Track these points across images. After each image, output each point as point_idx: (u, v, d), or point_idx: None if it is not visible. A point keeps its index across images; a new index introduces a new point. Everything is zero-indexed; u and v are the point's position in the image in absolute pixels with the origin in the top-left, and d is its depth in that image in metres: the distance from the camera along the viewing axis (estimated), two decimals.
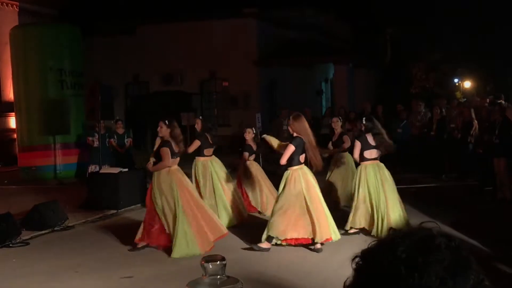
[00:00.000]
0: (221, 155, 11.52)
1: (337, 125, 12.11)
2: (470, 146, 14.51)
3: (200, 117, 12.08)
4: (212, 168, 10.65)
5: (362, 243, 8.52)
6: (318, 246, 8.51)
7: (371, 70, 33.79)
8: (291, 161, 8.58)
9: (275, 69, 27.90)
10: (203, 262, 3.73)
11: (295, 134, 8.69)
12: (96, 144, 14.94)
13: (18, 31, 17.77)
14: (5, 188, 15.16)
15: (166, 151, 8.51)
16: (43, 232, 10.02)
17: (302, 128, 8.69)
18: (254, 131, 11.87)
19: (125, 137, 15.64)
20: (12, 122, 19.74)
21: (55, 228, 10.27)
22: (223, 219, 9.96)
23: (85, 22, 24.37)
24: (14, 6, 21.50)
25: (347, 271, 5.35)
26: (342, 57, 28.03)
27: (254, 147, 11.52)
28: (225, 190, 10.54)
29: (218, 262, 3.73)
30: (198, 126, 11.11)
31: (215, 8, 27.64)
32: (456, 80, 48.31)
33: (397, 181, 14.60)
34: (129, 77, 28.52)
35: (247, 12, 26.80)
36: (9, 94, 20.09)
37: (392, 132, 17.29)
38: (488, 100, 17.62)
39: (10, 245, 9.17)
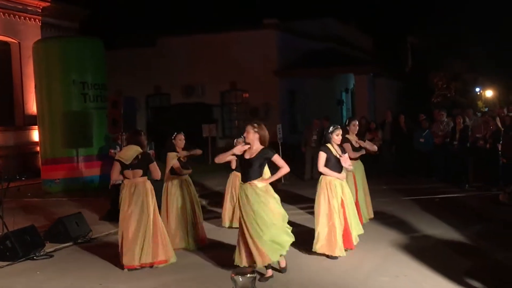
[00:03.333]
0: None
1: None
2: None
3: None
4: None
5: (385, 255, 8.48)
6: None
7: (392, 79, 33.65)
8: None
9: (296, 80, 27.91)
10: (233, 275, 3.72)
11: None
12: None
13: (40, 44, 17.94)
14: (28, 201, 15.25)
15: None
16: (67, 244, 10.05)
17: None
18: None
19: (147, 149, 15.64)
20: (35, 135, 19.91)
21: (79, 241, 10.31)
22: None
23: (106, 35, 24.57)
24: (37, 20, 21.73)
25: (373, 282, 5.35)
26: (363, 66, 27.96)
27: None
28: None
29: (248, 275, 3.71)
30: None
31: (236, 19, 27.76)
32: (477, 89, 47.95)
33: (420, 191, 14.63)
34: (150, 89, 28.70)
35: (267, 23, 26.89)
36: (32, 107, 20.32)
37: (415, 142, 17.27)
38: (506, 109, 17.50)
39: (34, 257, 9.21)
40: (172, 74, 27.48)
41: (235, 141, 10.81)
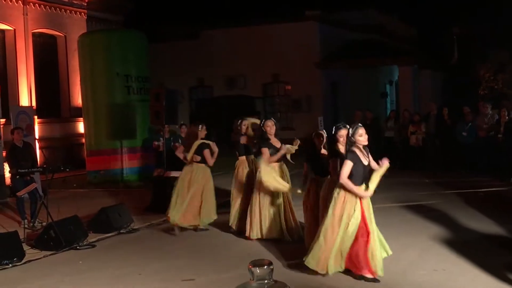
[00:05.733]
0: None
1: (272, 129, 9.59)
2: None
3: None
4: None
5: (425, 248, 8.40)
6: None
7: (437, 71, 33.16)
8: None
9: (338, 72, 27.75)
10: (250, 266, 3.74)
11: None
12: (161, 148, 15.18)
13: (86, 38, 18.24)
14: (73, 192, 15.57)
15: None
16: (109, 234, 10.24)
17: None
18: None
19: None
20: (80, 127, 20.29)
21: (121, 231, 10.49)
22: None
23: (151, 27, 24.84)
24: (83, 13, 22.11)
25: (411, 275, 5.28)
26: (407, 58, 27.61)
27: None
28: None
29: (266, 266, 3.73)
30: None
31: (278, 11, 27.71)
32: None
33: (463, 185, 14.44)
34: (193, 81, 28.90)
35: (309, 15, 26.79)
36: (78, 100, 20.68)
37: (457, 135, 17.02)
38: None
39: (77, 247, 9.42)
40: (215, 67, 27.60)
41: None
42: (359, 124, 7.51)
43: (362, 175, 7.31)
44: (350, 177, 7.23)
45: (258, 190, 9.53)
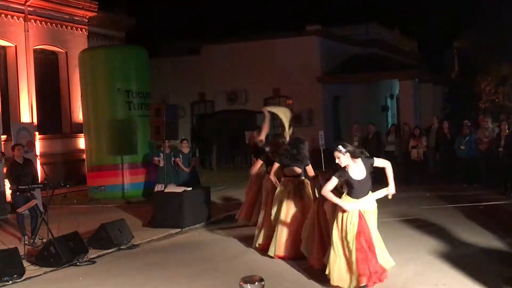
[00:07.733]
0: None
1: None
2: None
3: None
4: None
5: (425, 262, 8.38)
6: None
7: (438, 84, 33.18)
8: None
9: (339, 86, 27.79)
10: (241, 282, 3.74)
11: None
12: (161, 163, 15.20)
13: (87, 54, 18.31)
14: (74, 208, 15.55)
15: None
16: (109, 250, 10.22)
17: None
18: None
19: (190, 156, 15.85)
20: (81, 142, 20.30)
21: (121, 247, 10.47)
22: None
23: (152, 43, 24.95)
24: (84, 30, 22.20)
25: None
26: (407, 72, 27.64)
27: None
28: None
29: (257, 283, 3.73)
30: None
31: (279, 26, 27.81)
32: None
33: (464, 198, 14.40)
34: (195, 96, 28.93)
35: (310, 29, 26.88)
36: (78, 116, 20.73)
37: (456, 148, 16.99)
38: None
39: (78, 263, 9.40)
40: (216, 81, 27.66)
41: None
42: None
43: (360, 189, 7.46)
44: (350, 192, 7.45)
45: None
